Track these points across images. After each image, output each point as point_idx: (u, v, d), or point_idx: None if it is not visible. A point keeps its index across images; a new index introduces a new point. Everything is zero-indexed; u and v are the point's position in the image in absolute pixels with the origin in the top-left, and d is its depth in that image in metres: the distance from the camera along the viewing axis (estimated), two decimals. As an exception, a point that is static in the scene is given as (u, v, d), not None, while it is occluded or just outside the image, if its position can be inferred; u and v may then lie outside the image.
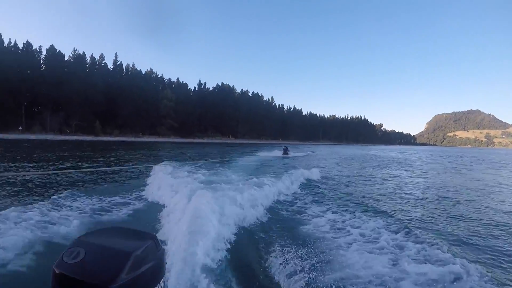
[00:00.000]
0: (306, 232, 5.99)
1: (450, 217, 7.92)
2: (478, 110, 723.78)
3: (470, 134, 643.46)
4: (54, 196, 7.64)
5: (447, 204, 9.75)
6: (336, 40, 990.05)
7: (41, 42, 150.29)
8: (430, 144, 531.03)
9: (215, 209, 5.92)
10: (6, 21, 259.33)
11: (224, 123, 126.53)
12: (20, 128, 74.92)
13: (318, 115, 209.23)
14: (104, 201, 8.12)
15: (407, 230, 5.82)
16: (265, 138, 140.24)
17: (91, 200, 7.98)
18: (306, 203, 8.93)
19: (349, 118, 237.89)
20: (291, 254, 4.73)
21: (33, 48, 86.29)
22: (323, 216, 7.24)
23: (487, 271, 4.09)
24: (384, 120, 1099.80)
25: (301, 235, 5.82)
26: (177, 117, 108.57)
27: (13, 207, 6.23)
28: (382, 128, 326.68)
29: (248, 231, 6.04)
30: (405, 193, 11.72)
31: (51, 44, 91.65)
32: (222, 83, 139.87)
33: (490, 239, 6.06)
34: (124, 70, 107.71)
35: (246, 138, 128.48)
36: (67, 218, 6.11)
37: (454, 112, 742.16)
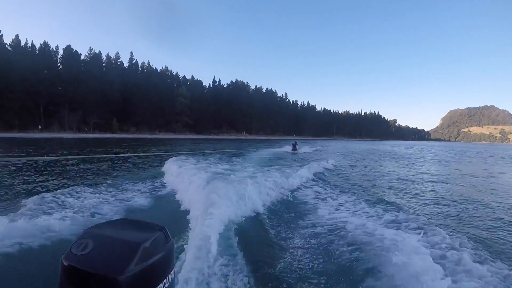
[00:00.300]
0: (299, 199, 8.79)
1: (404, 193, 10.62)
2: (493, 106, 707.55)
3: (485, 130, 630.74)
4: (109, 181, 9.72)
5: (408, 184, 12.74)
6: (351, 35, 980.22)
7: (56, 43, 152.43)
8: (444, 140, 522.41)
9: (229, 194, 6.89)
10: (24, 22, 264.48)
11: (239, 120, 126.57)
12: (40, 127, 75.89)
13: (332, 111, 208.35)
14: (120, 190, 9.06)
15: (369, 200, 8.40)
16: (279, 134, 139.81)
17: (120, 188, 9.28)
18: (305, 183, 11.42)
19: (362, 114, 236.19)
20: (286, 215, 7.10)
21: (50, 48, 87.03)
22: (311, 188, 10.47)
23: (399, 217, 6.48)
24: (398, 116, 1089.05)
25: (295, 202, 8.44)
26: (192, 114, 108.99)
27: (81, 186, 8.47)
28: (396, 124, 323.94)
29: (258, 210, 7.16)
30: (381, 177, 14.84)
31: (67, 44, 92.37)
32: (237, 80, 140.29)
33: (423, 206, 8.59)
34: (140, 68, 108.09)
35: (260, 134, 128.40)
36: (133, 197, 8.14)
37: (468, 107, 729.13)
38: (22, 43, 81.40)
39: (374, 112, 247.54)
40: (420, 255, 3.98)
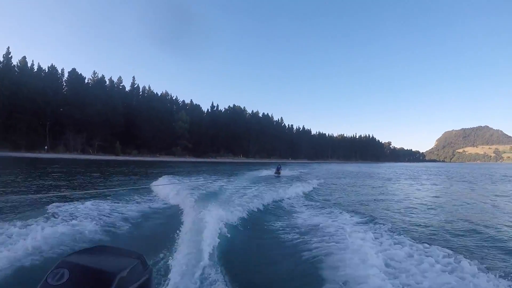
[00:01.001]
0: (278, 210, 10.91)
1: (357, 201, 14.12)
2: (487, 126, 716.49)
3: (479, 150, 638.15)
4: (96, 197, 10.84)
5: (360, 196, 16.54)
6: (345, 60, 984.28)
7: (50, 62, 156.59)
8: (438, 161, 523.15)
9: (216, 213, 7.78)
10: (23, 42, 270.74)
11: (236, 143, 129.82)
12: (46, 147, 78.95)
13: (327, 135, 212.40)
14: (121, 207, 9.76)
15: (328, 206, 11.68)
16: (275, 157, 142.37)
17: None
18: (284, 198, 13.70)
19: (357, 137, 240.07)
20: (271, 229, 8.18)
21: (56, 71, 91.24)
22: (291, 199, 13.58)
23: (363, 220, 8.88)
24: (394, 138, 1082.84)
25: (275, 213, 10.41)
26: (191, 138, 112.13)
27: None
28: (391, 146, 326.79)
29: (243, 226, 8.24)
30: (340, 191, 18.57)
31: (72, 67, 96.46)
32: (234, 105, 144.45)
33: (379, 214, 10.62)
34: (141, 92, 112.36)
35: (256, 158, 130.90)
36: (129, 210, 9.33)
37: (463, 128, 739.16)
38: (29, 64, 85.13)
39: (369, 135, 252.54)
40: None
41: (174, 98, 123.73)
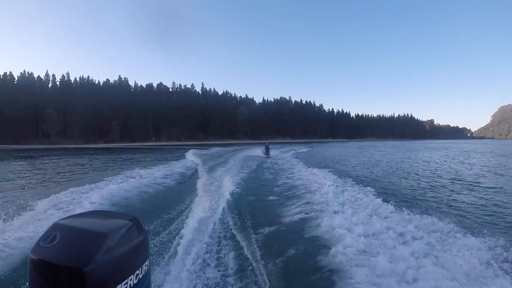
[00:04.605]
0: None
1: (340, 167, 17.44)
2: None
3: None
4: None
5: (346, 164, 19.19)
6: (394, 40, 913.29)
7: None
8: (488, 138, 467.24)
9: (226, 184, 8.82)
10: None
11: (283, 127, 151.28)
12: (153, 138, 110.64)
13: (366, 115, 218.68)
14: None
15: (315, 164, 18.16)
16: (316, 137, 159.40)
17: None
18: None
19: (395, 117, 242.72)
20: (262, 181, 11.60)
21: (161, 86, 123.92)
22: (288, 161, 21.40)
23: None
24: (441, 116, 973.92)
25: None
26: (249, 125, 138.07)
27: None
28: (435, 123, 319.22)
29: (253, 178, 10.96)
30: (329, 160, 22.96)
31: (159, 81, 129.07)
32: (281, 97, 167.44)
33: (371, 183, 11.18)
34: (207, 90, 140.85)
35: (301, 138, 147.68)
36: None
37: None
38: (132, 86, 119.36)
39: (407, 114, 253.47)
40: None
41: (233, 95, 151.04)
